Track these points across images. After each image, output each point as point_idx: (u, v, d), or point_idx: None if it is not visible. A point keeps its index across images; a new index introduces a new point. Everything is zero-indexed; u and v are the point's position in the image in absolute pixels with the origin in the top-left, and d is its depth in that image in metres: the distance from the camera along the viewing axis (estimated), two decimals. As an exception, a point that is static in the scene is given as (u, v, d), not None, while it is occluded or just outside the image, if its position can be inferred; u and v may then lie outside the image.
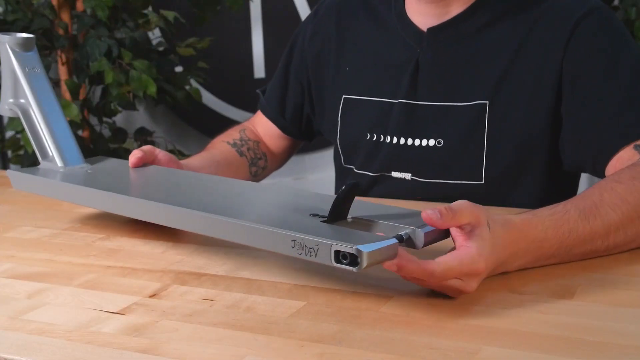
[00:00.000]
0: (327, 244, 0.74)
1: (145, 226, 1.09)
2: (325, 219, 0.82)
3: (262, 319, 0.76)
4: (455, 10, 1.18)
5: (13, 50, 1.10)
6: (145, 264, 0.93)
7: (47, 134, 1.10)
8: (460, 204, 0.78)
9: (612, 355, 0.67)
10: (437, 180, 1.18)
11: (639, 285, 0.83)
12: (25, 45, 1.11)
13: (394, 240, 0.75)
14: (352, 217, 0.83)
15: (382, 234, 0.79)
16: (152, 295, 0.83)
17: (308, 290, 0.83)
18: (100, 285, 0.87)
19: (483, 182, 1.16)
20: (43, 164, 1.11)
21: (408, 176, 1.20)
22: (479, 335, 0.71)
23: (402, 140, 1.20)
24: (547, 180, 1.18)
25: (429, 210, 0.77)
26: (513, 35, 1.15)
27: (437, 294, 0.81)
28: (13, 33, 1.12)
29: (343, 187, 0.82)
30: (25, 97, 1.11)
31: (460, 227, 0.78)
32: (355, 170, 1.27)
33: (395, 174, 1.21)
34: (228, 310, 0.78)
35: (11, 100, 1.12)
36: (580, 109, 1.10)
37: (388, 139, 1.21)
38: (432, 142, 1.18)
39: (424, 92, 1.19)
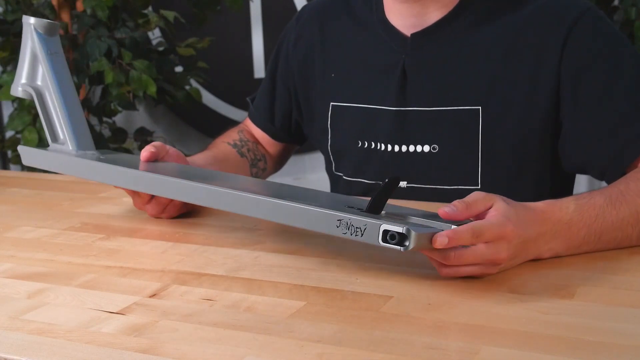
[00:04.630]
0: (376, 224, 0.78)
1: (145, 226, 1.09)
2: (362, 210, 0.84)
3: (262, 319, 0.76)
4: (434, 11, 1.17)
5: (38, 33, 1.11)
6: (145, 264, 0.93)
7: (62, 117, 1.11)
8: (473, 194, 0.84)
9: (612, 355, 0.67)
10: (433, 186, 1.18)
11: (639, 285, 0.83)
12: (49, 29, 1.12)
13: (439, 230, 0.80)
14: (385, 213, 0.84)
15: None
16: (152, 295, 0.83)
17: (308, 290, 0.83)
18: (100, 285, 0.87)
19: (479, 186, 1.15)
20: (52, 146, 1.12)
21: (403, 184, 1.19)
22: (479, 335, 0.71)
23: (397, 148, 1.19)
24: (544, 182, 1.18)
25: (445, 207, 0.82)
26: (500, 38, 1.14)
27: (437, 294, 0.81)
28: (41, 19, 1.13)
29: (386, 180, 0.83)
30: (44, 80, 1.12)
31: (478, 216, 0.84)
32: (344, 177, 1.27)
33: None
34: (228, 310, 0.78)
35: (24, 82, 1.13)
36: (585, 114, 1.10)
37: (381, 146, 1.20)
38: (427, 148, 1.17)
39: (414, 98, 1.18)
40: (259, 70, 2.94)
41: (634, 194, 0.94)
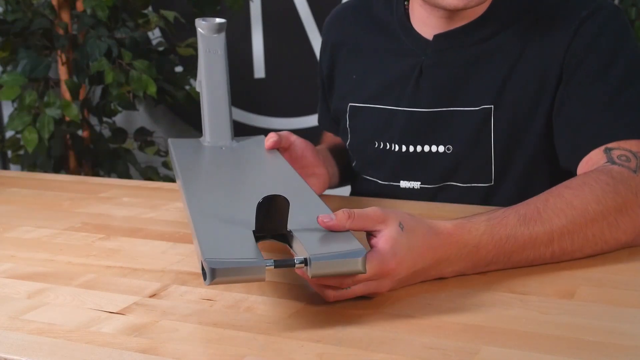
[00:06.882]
0: (200, 255, 0.72)
1: (145, 226, 1.09)
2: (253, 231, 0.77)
3: (262, 319, 0.76)
4: (462, 21, 1.17)
5: (200, 33, 1.17)
6: (145, 264, 0.93)
7: (204, 111, 1.16)
8: (370, 209, 0.78)
9: (612, 355, 0.67)
10: (447, 183, 1.18)
11: (639, 285, 0.83)
12: (212, 28, 1.18)
13: (260, 262, 0.71)
14: (290, 230, 0.77)
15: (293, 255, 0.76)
16: (152, 295, 0.83)
17: (308, 290, 0.83)
18: (100, 285, 0.87)
19: (493, 183, 1.16)
20: (202, 139, 1.17)
21: (417, 185, 1.20)
22: (479, 335, 0.71)
23: (411, 148, 1.20)
24: (559, 178, 1.17)
25: (323, 215, 0.77)
26: (517, 38, 1.14)
27: (437, 294, 0.81)
28: (210, 18, 1.18)
29: (259, 201, 0.74)
30: (200, 76, 1.17)
31: (371, 233, 0.79)
32: (363, 176, 1.28)
33: (403, 184, 1.21)
34: (228, 310, 0.78)
35: (199, 78, 1.19)
36: (568, 108, 1.10)
37: (395, 147, 1.21)
38: (441, 149, 1.17)
39: (429, 99, 1.18)
40: (259, 70, 2.94)
41: (552, 211, 0.88)
